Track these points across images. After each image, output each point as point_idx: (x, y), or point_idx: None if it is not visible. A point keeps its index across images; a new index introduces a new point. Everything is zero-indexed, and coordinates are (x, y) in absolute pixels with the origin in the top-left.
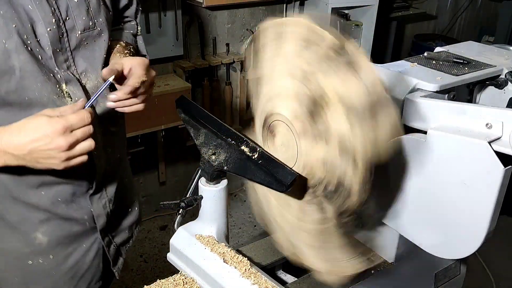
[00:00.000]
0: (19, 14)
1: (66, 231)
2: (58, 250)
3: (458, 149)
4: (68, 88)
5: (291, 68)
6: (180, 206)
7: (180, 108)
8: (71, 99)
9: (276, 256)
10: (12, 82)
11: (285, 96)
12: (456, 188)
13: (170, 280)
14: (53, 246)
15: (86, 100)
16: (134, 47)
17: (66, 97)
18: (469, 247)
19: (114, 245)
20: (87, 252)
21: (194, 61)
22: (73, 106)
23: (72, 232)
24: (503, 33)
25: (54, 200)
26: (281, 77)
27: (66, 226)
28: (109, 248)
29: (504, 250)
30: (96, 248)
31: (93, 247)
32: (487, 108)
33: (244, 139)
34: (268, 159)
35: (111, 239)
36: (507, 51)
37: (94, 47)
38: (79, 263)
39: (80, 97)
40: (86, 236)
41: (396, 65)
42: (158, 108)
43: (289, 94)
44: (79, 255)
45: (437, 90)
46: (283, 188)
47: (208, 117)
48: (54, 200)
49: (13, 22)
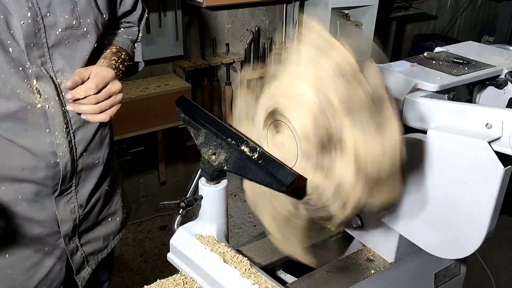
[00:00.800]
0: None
1: (25, 231)
2: (15, 249)
3: (458, 149)
4: (38, 84)
5: (317, 81)
6: (180, 206)
7: (180, 108)
8: (40, 96)
9: (276, 256)
10: None
11: (302, 106)
12: (456, 188)
13: (170, 280)
14: (10, 246)
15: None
16: (128, 53)
17: (36, 93)
18: (469, 247)
19: (82, 253)
20: (47, 256)
21: (194, 61)
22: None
23: (33, 234)
24: (503, 33)
25: (15, 197)
26: (304, 82)
27: (26, 226)
28: (74, 256)
29: (504, 250)
30: (58, 253)
31: (55, 252)
32: (487, 108)
33: (244, 139)
34: (268, 159)
35: (78, 246)
36: (507, 51)
37: (76, 47)
38: (38, 266)
39: (51, 95)
40: (48, 239)
41: (396, 65)
42: (158, 108)
43: (307, 108)
44: (38, 258)
45: (437, 90)
46: (283, 188)
47: (208, 117)
48: (15, 197)
49: None
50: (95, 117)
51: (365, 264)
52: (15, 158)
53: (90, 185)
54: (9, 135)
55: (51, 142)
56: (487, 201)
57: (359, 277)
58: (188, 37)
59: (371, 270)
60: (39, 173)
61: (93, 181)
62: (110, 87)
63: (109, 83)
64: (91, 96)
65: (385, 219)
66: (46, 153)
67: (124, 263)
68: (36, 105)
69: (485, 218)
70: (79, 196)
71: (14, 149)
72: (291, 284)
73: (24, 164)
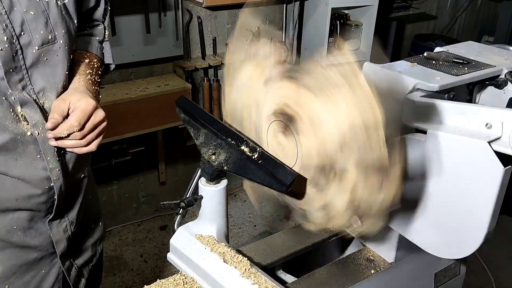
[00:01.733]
0: None
1: (22, 259)
2: (14, 279)
3: (458, 149)
4: (23, 110)
5: (342, 126)
6: (180, 206)
7: (180, 108)
8: (28, 123)
9: (276, 256)
10: None
11: (319, 137)
12: (456, 188)
13: (170, 280)
14: (9, 276)
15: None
16: (99, 58)
17: (22, 120)
18: (469, 247)
19: (76, 267)
20: (45, 278)
21: (194, 61)
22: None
23: (30, 260)
24: (503, 33)
25: (10, 228)
26: (331, 117)
27: (23, 254)
28: (70, 272)
29: (504, 250)
30: (55, 273)
31: (52, 272)
32: (487, 108)
33: (244, 139)
34: (268, 159)
35: (72, 262)
36: (507, 51)
37: (55, 63)
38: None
39: (38, 120)
40: (44, 262)
41: (396, 65)
42: (158, 108)
43: (322, 140)
44: (36, 282)
45: (437, 90)
46: (283, 188)
47: (208, 117)
48: (9, 228)
49: None
50: (81, 150)
51: (365, 264)
52: (8, 189)
53: (78, 200)
54: (0, 168)
55: (44, 168)
56: (487, 201)
57: (359, 277)
58: (188, 37)
59: (371, 270)
60: (34, 200)
61: (80, 196)
62: (93, 118)
63: (92, 115)
64: (75, 133)
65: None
66: (40, 180)
67: (124, 263)
68: (26, 133)
69: (485, 218)
70: (69, 214)
71: (6, 181)
72: (291, 284)
73: (18, 194)
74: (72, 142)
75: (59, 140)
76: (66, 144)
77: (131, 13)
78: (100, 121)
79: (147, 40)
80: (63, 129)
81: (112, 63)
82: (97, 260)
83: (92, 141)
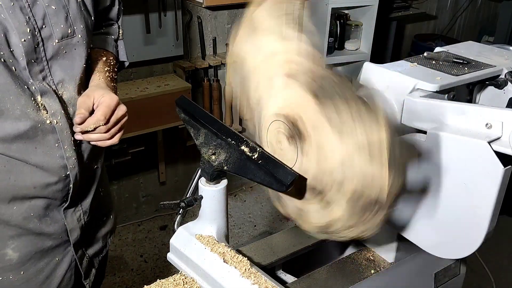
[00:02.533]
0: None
1: (37, 246)
2: (29, 265)
3: (458, 149)
4: (43, 100)
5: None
6: (180, 206)
7: (180, 108)
8: (47, 112)
9: (276, 256)
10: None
11: (324, 165)
12: (456, 188)
13: (170, 280)
14: (24, 262)
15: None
16: (115, 56)
17: (42, 109)
18: (469, 247)
19: (87, 257)
20: (58, 266)
21: (194, 61)
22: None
23: (44, 247)
24: (503, 33)
25: (27, 215)
26: (339, 153)
27: (38, 241)
28: (82, 261)
29: (504, 250)
30: (68, 261)
31: (65, 260)
32: (487, 108)
33: (244, 139)
34: (268, 159)
35: (84, 251)
36: (507, 51)
37: (73, 56)
38: (50, 277)
39: (57, 110)
40: (58, 250)
41: (396, 65)
42: (158, 108)
43: (325, 165)
44: (50, 269)
45: (437, 90)
46: (283, 188)
47: (208, 117)
48: (26, 215)
49: None
50: (105, 143)
51: (365, 264)
52: (26, 177)
53: (92, 190)
54: (20, 155)
55: (61, 156)
56: (487, 201)
57: (359, 277)
58: (188, 37)
59: (371, 270)
60: (50, 188)
61: (94, 186)
62: (117, 113)
63: (115, 109)
64: (101, 127)
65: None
66: (57, 168)
67: (124, 263)
68: (45, 121)
69: (485, 218)
70: (83, 203)
71: (25, 169)
72: (291, 284)
73: (36, 182)
74: (97, 135)
75: (85, 133)
76: (91, 138)
77: (131, 13)
78: (123, 115)
79: (147, 40)
80: (90, 123)
81: (126, 61)
82: (106, 253)
83: (115, 134)
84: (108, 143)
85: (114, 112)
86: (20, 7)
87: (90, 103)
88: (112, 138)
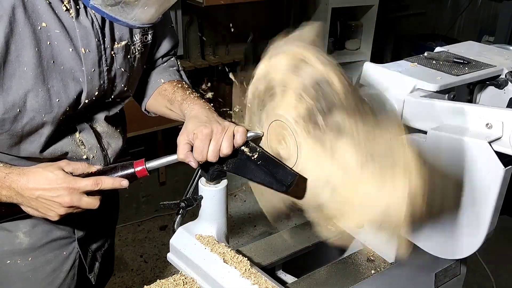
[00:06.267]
0: (66, 88)
1: (49, 238)
2: (37, 253)
3: (458, 149)
4: (81, 136)
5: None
6: (180, 206)
7: None
8: (85, 147)
9: (276, 256)
10: (40, 141)
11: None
12: (456, 188)
13: (170, 280)
14: (34, 249)
15: (101, 165)
16: (187, 82)
17: (80, 145)
18: (469, 247)
19: (90, 252)
20: (65, 261)
21: (194, 61)
22: (86, 166)
23: (55, 238)
24: (503, 33)
25: None
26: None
27: (49, 229)
28: (86, 256)
29: (504, 250)
30: (73, 258)
31: (70, 257)
32: (487, 108)
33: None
34: (268, 159)
35: (87, 246)
36: (507, 51)
37: (117, 104)
38: (57, 271)
39: (93, 144)
40: (66, 244)
41: (396, 65)
42: None
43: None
44: (58, 263)
45: (437, 90)
46: (283, 188)
47: None
48: None
49: (57, 97)
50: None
51: (365, 264)
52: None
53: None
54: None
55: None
56: (488, 201)
57: (359, 277)
58: (188, 37)
59: (371, 270)
60: None
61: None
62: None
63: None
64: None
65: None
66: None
67: (124, 263)
68: (82, 156)
69: (486, 218)
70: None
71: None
72: (291, 284)
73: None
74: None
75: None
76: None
77: None
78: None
79: None
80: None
81: (190, 85)
82: (109, 245)
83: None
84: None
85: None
86: (99, 73)
87: (207, 141)
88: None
